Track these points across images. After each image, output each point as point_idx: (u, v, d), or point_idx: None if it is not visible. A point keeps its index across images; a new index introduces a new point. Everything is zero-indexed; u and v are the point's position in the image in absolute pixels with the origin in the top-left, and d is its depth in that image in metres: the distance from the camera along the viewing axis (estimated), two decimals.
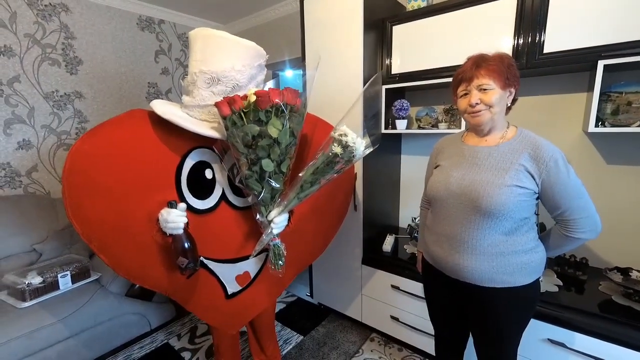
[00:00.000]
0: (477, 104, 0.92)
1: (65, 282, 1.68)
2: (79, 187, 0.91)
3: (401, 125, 1.81)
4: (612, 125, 1.29)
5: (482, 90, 0.92)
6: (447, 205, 1.00)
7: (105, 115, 2.47)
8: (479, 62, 0.93)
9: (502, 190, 0.89)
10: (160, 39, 2.75)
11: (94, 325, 1.70)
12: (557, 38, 1.27)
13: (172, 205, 0.96)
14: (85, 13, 2.30)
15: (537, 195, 0.93)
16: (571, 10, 1.23)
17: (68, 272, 1.69)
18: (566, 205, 0.91)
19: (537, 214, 1.02)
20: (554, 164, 0.89)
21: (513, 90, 0.95)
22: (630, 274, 1.32)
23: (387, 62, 1.75)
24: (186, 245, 0.97)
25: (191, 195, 1.08)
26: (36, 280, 1.59)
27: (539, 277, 0.99)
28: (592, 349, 1.17)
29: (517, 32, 1.35)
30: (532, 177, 0.91)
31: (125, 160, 0.97)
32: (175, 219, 0.95)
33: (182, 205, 0.99)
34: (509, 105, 0.98)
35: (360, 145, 1.02)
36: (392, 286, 1.73)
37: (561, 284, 1.38)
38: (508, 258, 0.93)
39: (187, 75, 1.09)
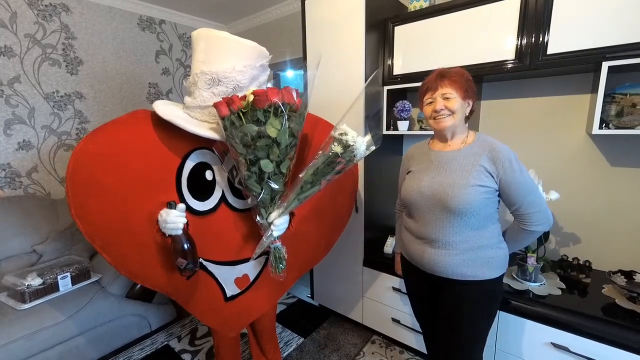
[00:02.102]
0: (441, 109, 1.03)
1: (65, 283, 1.67)
2: (82, 186, 0.92)
3: (403, 127, 1.80)
4: (617, 127, 1.28)
5: (446, 98, 1.03)
6: (421, 207, 1.09)
7: (105, 115, 2.47)
8: (443, 74, 1.05)
9: (467, 190, 0.99)
10: (161, 39, 2.75)
11: (94, 326, 1.70)
12: (561, 39, 1.26)
13: (171, 206, 0.96)
14: (85, 13, 2.30)
15: (497, 192, 1.03)
16: (576, 11, 1.22)
17: (68, 274, 1.69)
18: (520, 201, 1.01)
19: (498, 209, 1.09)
20: (509, 163, 0.98)
21: (470, 102, 1.06)
22: (634, 277, 1.30)
23: (389, 62, 1.74)
24: (185, 246, 0.97)
25: (191, 197, 1.08)
26: (36, 281, 1.58)
27: (503, 273, 1.08)
28: (596, 353, 1.16)
29: (521, 32, 1.33)
30: (492, 176, 1.00)
31: (127, 161, 0.97)
32: (174, 219, 0.95)
33: (181, 206, 0.98)
34: (467, 114, 1.08)
35: (361, 144, 1.02)
36: (394, 288, 1.72)
37: (564, 286, 1.36)
38: (476, 252, 1.03)
39: (189, 75, 1.08)
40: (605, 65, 1.18)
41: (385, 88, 1.77)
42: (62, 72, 2.23)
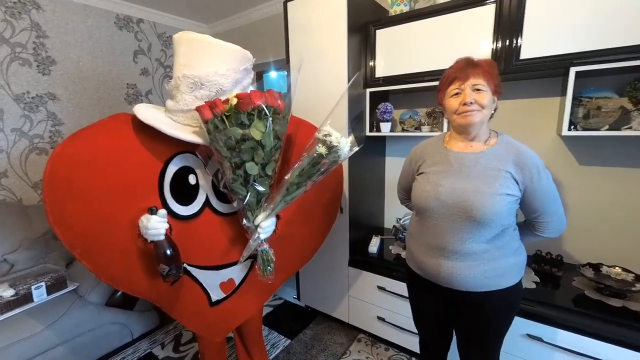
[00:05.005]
0: (471, 102, 0.91)
1: (39, 293, 1.60)
2: (60, 192, 0.90)
3: (385, 128, 1.84)
4: (584, 129, 1.36)
5: (476, 90, 0.92)
6: (438, 215, 0.98)
7: (81, 117, 2.38)
8: (474, 63, 0.94)
9: (495, 199, 0.90)
10: (139, 38, 2.67)
11: (73, 337, 1.63)
12: (532, 45, 1.32)
13: (152, 211, 0.94)
14: (58, 11, 2.20)
15: (519, 200, 0.96)
16: (545, 18, 1.29)
17: (43, 283, 1.62)
18: (542, 209, 0.96)
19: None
20: (537, 170, 0.92)
21: (496, 98, 0.97)
22: (601, 269, 1.39)
23: (371, 65, 1.77)
24: (168, 252, 0.96)
25: (174, 201, 1.06)
26: (8, 292, 1.50)
27: (522, 276, 1.02)
28: (567, 342, 1.23)
29: (496, 38, 1.39)
30: (517, 183, 0.93)
31: (107, 166, 0.96)
32: (155, 225, 0.93)
33: (163, 211, 0.97)
34: (492, 113, 0.99)
35: (345, 145, 1.02)
36: (378, 287, 1.75)
37: (539, 280, 1.43)
38: (498, 262, 0.95)
39: (170, 77, 1.07)
40: (572, 71, 1.25)
41: (368, 90, 1.80)
42: (33, 72, 2.13)
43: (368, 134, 1.86)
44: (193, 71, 1.02)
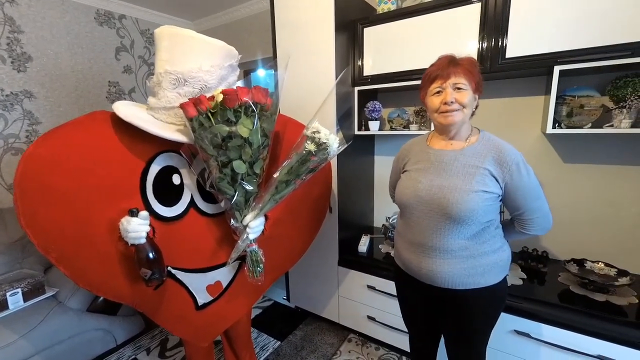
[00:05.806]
0: (452, 102, 0.91)
1: (15, 300, 1.52)
2: (33, 194, 0.85)
3: (374, 127, 1.83)
4: (567, 127, 1.39)
5: (457, 89, 0.92)
6: (417, 212, 0.99)
7: (60, 116, 2.28)
8: (455, 61, 0.94)
9: (470, 196, 0.90)
10: (121, 34, 2.59)
11: (52, 344, 1.56)
12: (518, 44, 1.34)
13: (133, 213, 0.90)
14: (34, 5, 2.11)
15: (500, 197, 0.96)
16: (530, 18, 1.30)
17: (19, 290, 1.54)
18: (525, 206, 0.96)
19: (502, 212, 1.06)
20: (516, 167, 0.92)
21: (477, 96, 0.97)
22: (585, 264, 1.42)
23: (359, 63, 1.76)
24: (150, 255, 0.92)
25: (157, 202, 1.03)
26: None
27: (507, 274, 1.03)
28: (554, 338, 1.24)
29: (482, 37, 1.40)
30: (497, 180, 0.93)
31: (85, 165, 0.91)
32: (136, 228, 0.89)
33: (144, 213, 0.93)
34: (473, 110, 0.99)
35: (334, 141, 1.01)
36: (368, 286, 1.74)
37: (525, 277, 1.45)
38: (478, 259, 0.95)
39: (153, 75, 1.03)
40: (556, 69, 1.27)
41: (356, 89, 1.79)
42: (7, 68, 2.03)
43: (357, 132, 1.85)
44: (176, 67, 0.98)
